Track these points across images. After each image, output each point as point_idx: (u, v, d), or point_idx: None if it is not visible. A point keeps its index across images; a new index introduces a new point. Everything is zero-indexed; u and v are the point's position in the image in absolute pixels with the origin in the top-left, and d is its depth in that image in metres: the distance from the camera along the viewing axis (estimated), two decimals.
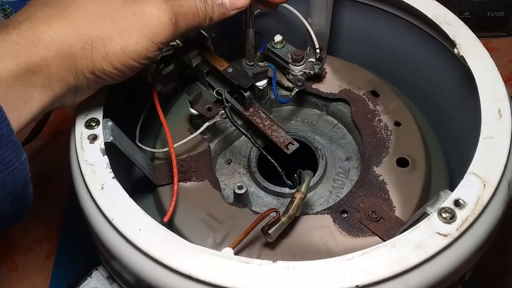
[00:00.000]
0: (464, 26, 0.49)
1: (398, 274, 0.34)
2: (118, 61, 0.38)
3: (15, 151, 0.33)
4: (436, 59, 0.54)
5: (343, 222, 0.46)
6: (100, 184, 0.39)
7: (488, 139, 0.40)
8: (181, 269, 0.35)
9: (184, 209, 0.47)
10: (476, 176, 0.38)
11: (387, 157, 0.51)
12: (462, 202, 0.37)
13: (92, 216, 0.40)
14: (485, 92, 0.43)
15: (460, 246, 0.36)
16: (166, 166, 0.51)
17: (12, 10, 0.89)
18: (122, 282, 0.44)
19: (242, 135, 0.57)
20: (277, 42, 0.55)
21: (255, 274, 0.34)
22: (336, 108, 0.58)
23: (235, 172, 0.55)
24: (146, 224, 0.37)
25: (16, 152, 0.33)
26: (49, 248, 0.69)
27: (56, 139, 0.79)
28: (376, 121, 0.53)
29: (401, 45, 0.58)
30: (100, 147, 0.41)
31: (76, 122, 0.43)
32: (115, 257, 0.38)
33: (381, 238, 0.45)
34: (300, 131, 0.57)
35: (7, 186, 0.33)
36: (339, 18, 0.60)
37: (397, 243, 0.35)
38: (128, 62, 0.38)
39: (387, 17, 0.57)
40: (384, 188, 0.48)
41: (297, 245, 0.45)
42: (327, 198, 0.52)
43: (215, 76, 0.54)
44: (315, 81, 0.57)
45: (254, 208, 0.51)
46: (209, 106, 0.51)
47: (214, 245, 0.45)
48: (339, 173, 0.54)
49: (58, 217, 0.72)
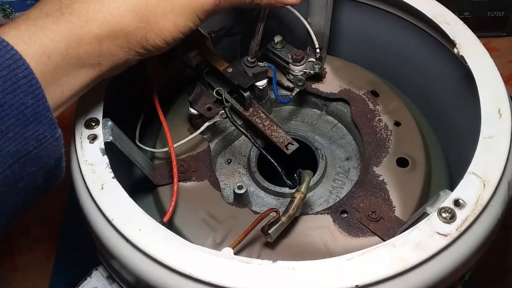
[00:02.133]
0: (464, 26, 0.49)
1: (398, 274, 0.34)
2: (171, 36, 0.39)
3: (50, 128, 0.34)
4: (436, 59, 0.54)
5: (343, 222, 0.46)
6: (100, 184, 0.39)
7: (488, 139, 0.40)
8: (181, 269, 0.35)
9: (184, 209, 0.47)
10: (476, 176, 0.38)
11: (387, 157, 0.51)
12: (462, 202, 0.37)
13: (92, 216, 0.40)
14: (485, 92, 0.43)
15: (460, 246, 0.36)
16: (166, 166, 0.51)
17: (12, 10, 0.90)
18: (122, 282, 0.44)
19: (242, 135, 0.57)
20: (277, 42, 0.55)
21: (255, 274, 0.34)
22: (336, 108, 0.58)
23: (235, 172, 0.55)
24: (146, 224, 0.37)
25: (51, 129, 0.34)
26: (49, 248, 0.69)
27: None
28: (376, 121, 0.53)
29: (401, 45, 0.58)
30: (100, 147, 0.41)
31: (76, 122, 0.43)
32: (115, 257, 0.38)
33: (381, 238, 0.45)
34: (300, 131, 0.57)
35: (41, 161, 0.34)
36: (339, 18, 0.60)
37: (397, 243, 0.35)
38: (178, 36, 0.40)
39: (387, 17, 0.57)
40: (384, 188, 0.48)
41: (297, 245, 0.45)
42: (327, 198, 0.52)
43: (215, 76, 0.54)
44: (315, 81, 0.57)
45: (254, 208, 0.51)
46: (209, 106, 0.51)
47: (214, 245, 0.45)
48: (339, 173, 0.54)
49: (58, 217, 0.72)
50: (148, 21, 0.38)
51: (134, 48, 0.38)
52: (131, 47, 0.38)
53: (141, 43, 0.38)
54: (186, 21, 0.39)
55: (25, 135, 0.32)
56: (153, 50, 0.39)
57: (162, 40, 0.39)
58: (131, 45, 0.38)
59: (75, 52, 0.35)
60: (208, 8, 0.40)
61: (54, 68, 0.34)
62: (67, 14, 0.35)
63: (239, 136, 0.57)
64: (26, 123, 0.32)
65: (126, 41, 0.37)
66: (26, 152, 0.33)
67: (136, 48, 0.38)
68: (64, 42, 0.34)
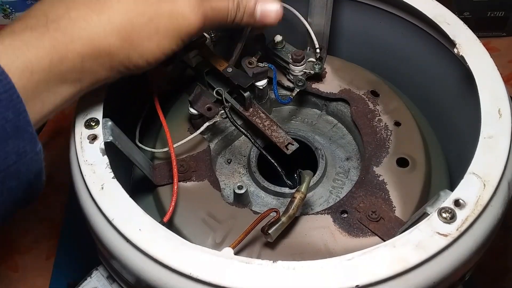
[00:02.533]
0: (464, 26, 0.49)
1: (398, 274, 0.34)
2: (153, 58, 0.39)
3: (31, 142, 0.33)
4: (436, 59, 0.54)
5: (343, 222, 0.46)
6: (100, 184, 0.39)
7: (488, 139, 0.40)
8: (181, 269, 0.35)
9: (184, 209, 0.47)
10: (476, 176, 0.38)
11: (387, 157, 0.51)
12: (462, 202, 0.37)
13: (92, 216, 0.40)
14: (485, 92, 0.43)
15: (460, 246, 0.36)
16: (166, 166, 0.51)
17: (12, 10, 0.90)
18: (122, 282, 0.44)
19: (242, 135, 0.57)
20: (277, 43, 0.55)
21: (255, 274, 0.34)
22: (336, 108, 0.58)
23: (235, 172, 0.55)
24: (146, 224, 0.37)
25: (31, 143, 0.34)
26: (49, 248, 0.69)
27: (56, 139, 0.79)
28: (376, 121, 0.53)
29: (401, 45, 0.58)
30: (100, 147, 0.41)
31: (76, 122, 0.43)
32: (115, 257, 0.38)
33: (381, 238, 0.45)
34: (300, 131, 0.57)
35: (21, 176, 0.34)
36: (339, 18, 0.60)
37: (397, 243, 0.35)
38: (160, 58, 0.40)
39: (387, 17, 0.57)
40: (384, 188, 0.48)
41: (297, 245, 0.45)
42: (327, 198, 0.52)
43: (215, 76, 0.54)
44: (315, 81, 0.57)
45: (254, 208, 0.51)
46: (209, 106, 0.51)
47: (214, 245, 0.45)
48: (339, 173, 0.54)
49: (58, 217, 0.72)
50: (133, 42, 0.38)
51: (116, 67, 0.38)
52: (113, 66, 0.38)
53: (123, 63, 0.38)
54: (170, 44, 0.39)
55: (6, 149, 0.32)
56: (134, 70, 0.40)
57: (144, 61, 0.39)
58: (113, 64, 0.38)
59: (57, 69, 0.35)
60: (192, 31, 0.40)
61: (36, 84, 0.34)
62: (52, 30, 0.35)
63: (239, 136, 0.57)
64: (6, 137, 0.32)
65: (108, 60, 0.38)
66: (6, 166, 0.32)
67: (118, 67, 0.39)
68: (47, 58, 0.35)
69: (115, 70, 0.39)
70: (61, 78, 0.36)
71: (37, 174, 0.35)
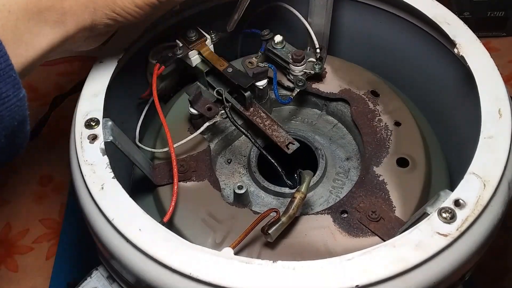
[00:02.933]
0: (464, 26, 0.49)
1: (398, 274, 0.34)
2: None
3: (14, 87, 0.32)
4: (436, 59, 0.54)
5: (343, 222, 0.46)
6: (100, 184, 0.39)
7: (488, 139, 0.40)
8: (181, 269, 0.35)
9: (184, 209, 0.47)
10: (476, 176, 0.38)
11: (387, 157, 0.51)
12: (462, 202, 0.37)
13: (92, 216, 0.40)
14: (485, 92, 0.43)
15: (460, 246, 0.36)
16: (166, 166, 0.51)
17: None
18: (122, 282, 0.44)
19: (242, 135, 0.57)
20: (277, 43, 0.55)
21: (255, 274, 0.34)
22: (336, 108, 0.58)
23: (235, 172, 0.55)
24: (146, 224, 0.37)
25: (14, 88, 0.32)
26: (49, 248, 0.69)
27: (56, 139, 0.79)
28: (376, 121, 0.53)
29: (401, 45, 0.58)
30: (100, 147, 0.41)
31: (76, 122, 0.43)
32: (115, 257, 0.38)
33: (381, 238, 0.45)
34: (300, 131, 0.57)
35: (4, 121, 0.32)
36: (339, 18, 0.60)
37: (397, 243, 0.35)
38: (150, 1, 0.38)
39: (387, 17, 0.57)
40: (384, 188, 0.48)
41: (297, 245, 0.45)
42: (327, 198, 0.52)
43: (215, 76, 0.54)
44: (315, 81, 0.57)
45: (254, 208, 0.51)
46: (209, 106, 0.51)
47: (214, 245, 0.45)
48: (339, 173, 0.54)
49: (58, 217, 0.72)
50: None
51: (100, 9, 0.36)
52: (97, 7, 0.36)
53: (109, 5, 0.36)
54: None
55: None
56: (124, 15, 0.37)
57: (131, 1, 0.37)
58: (97, 5, 0.36)
59: (36, 8, 0.34)
60: None
61: (14, 24, 0.33)
62: None
63: (239, 136, 0.57)
64: None
65: (91, 0, 0.36)
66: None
67: (103, 9, 0.37)
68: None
69: (101, 13, 0.37)
70: (41, 18, 0.34)
71: (21, 122, 0.34)
